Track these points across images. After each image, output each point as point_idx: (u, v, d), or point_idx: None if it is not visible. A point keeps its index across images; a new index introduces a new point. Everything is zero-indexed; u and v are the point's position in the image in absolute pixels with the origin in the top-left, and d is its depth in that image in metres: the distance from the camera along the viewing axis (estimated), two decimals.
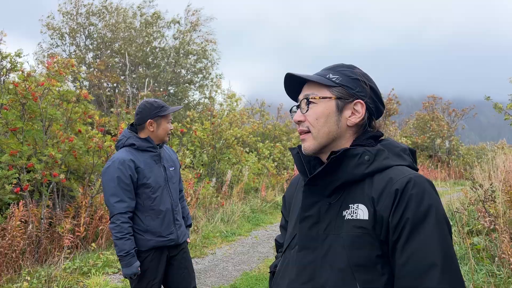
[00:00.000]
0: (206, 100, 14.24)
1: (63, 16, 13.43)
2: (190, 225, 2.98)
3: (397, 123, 21.09)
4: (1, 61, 5.67)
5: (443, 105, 20.56)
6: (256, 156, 11.19)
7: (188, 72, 14.62)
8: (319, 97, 1.14)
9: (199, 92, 14.74)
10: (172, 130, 2.69)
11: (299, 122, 1.18)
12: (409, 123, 21.51)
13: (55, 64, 5.67)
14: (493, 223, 3.87)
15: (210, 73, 14.70)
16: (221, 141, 9.61)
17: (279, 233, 1.44)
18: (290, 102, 1.31)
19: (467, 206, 4.67)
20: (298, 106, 1.20)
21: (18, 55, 5.67)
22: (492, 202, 4.16)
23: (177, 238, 2.65)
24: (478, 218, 4.17)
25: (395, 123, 20.12)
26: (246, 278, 4.67)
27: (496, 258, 3.78)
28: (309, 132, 1.16)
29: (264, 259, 5.53)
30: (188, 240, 2.89)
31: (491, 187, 4.21)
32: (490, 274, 3.67)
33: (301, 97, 1.19)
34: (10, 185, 4.46)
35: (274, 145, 12.65)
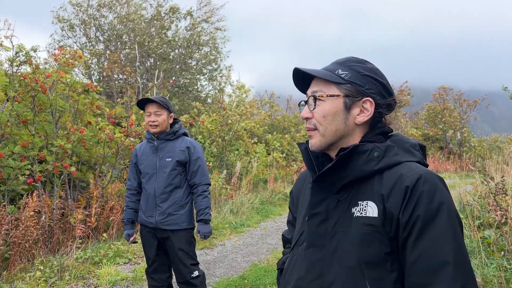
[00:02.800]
0: (215, 92, 14.22)
1: (74, 8, 13.46)
2: (201, 220, 2.93)
3: (408, 114, 20.86)
4: (16, 53, 5.70)
5: (454, 96, 20.20)
6: (265, 148, 11.17)
7: (199, 63, 14.59)
8: (327, 94, 1.12)
9: (210, 84, 14.73)
10: (153, 122, 2.87)
11: (306, 119, 1.16)
12: (421, 115, 21.22)
13: (63, 55, 5.70)
14: (504, 217, 3.82)
15: (219, 65, 14.64)
16: (231, 133, 9.61)
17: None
18: (299, 94, 1.29)
19: (478, 198, 4.62)
20: (306, 102, 1.18)
21: (34, 50, 5.69)
22: (503, 195, 4.11)
23: (156, 223, 2.90)
24: (489, 211, 4.12)
25: (406, 114, 19.91)
26: (255, 270, 4.69)
27: (507, 252, 3.74)
28: (316, 129, 1.14)
29: (273, 251, 5.56)
30: (199, 236, 2.94)
31: (502, 180, 4.15)
32: (501, 268, 3.63)
33: (309, 93, 1.17)
34: (23, 176, 4.53)
35: (283, 137, 12.61)
